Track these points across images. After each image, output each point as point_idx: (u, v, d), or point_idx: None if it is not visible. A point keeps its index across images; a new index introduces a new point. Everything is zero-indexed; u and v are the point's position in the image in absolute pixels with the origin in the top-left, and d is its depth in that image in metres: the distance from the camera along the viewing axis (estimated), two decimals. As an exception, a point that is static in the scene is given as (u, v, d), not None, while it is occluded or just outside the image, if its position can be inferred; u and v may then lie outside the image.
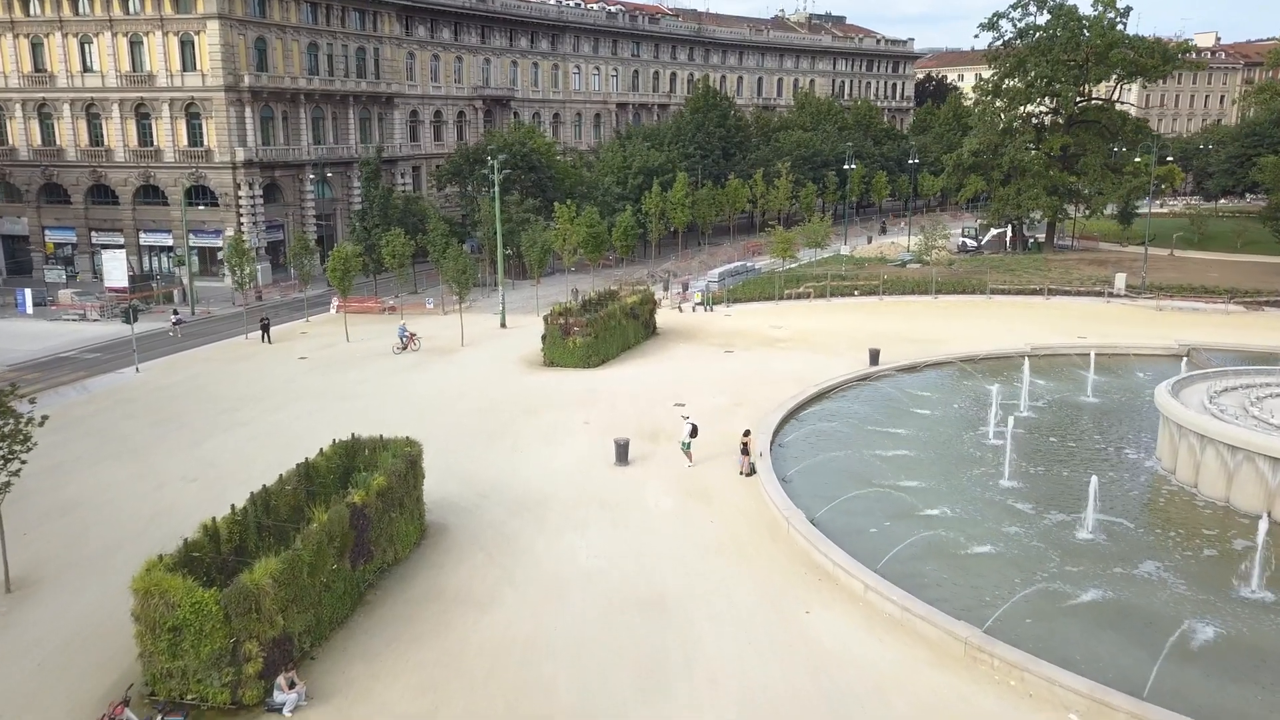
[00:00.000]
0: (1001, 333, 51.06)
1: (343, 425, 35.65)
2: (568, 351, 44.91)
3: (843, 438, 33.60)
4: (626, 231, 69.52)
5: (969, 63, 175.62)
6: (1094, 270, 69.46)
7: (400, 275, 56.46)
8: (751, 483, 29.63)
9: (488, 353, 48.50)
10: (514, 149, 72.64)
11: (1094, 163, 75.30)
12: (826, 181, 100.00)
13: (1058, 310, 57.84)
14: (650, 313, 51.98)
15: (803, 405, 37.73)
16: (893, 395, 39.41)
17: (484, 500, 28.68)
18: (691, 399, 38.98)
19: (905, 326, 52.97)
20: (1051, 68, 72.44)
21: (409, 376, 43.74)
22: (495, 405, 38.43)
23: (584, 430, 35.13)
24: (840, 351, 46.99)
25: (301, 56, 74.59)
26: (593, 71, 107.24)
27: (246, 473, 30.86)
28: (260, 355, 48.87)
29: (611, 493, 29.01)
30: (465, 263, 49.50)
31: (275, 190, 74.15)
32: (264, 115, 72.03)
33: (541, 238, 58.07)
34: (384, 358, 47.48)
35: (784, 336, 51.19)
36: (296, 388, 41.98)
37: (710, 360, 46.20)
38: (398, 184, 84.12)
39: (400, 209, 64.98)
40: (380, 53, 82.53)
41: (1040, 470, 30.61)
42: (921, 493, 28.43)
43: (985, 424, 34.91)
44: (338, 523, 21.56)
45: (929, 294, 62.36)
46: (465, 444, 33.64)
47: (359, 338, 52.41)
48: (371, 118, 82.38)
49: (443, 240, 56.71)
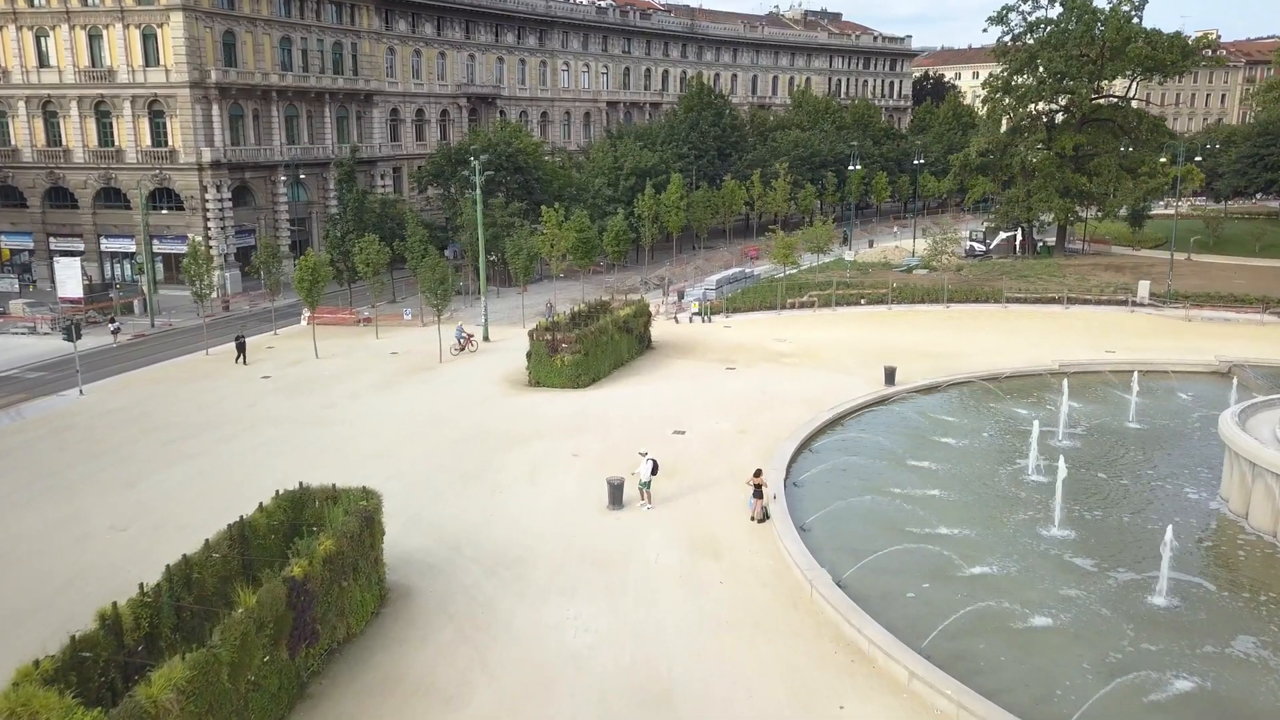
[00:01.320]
0: (1023, 346, 47.39)
1: (301, 460, 31.87)
2: (555, 370, 41.02)
3: (864, 474, 29.80)
4: (618, 236, 65.65)
5: (966, 61, 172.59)
6: (1112, 276, 65.89)
7: (375, 285, 52.44)
8: (765, 530, 25.80)
9: (468, 370, 44.55)
10: (498, 149, 68.70)
11: (1108, 163, 71.75)
12: (825, 182, 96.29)
13: (1080, 321, 54.17)
14: (645, 325, 48.14)
15: (816, 433, 33.95)
16: (915, 421, 35.63)
17: (457, 555, 24.77)
18: (692, 424, 35.16)
19: (918, 339, 49.25)
20: (1065, 63, 68.81)
21: (380, 399, 39.76)
22: (474, 434, 34.49)
23: (572, 465, 31.24)
24: (851, 368, 43.24)
25: (273, 51, 70.46)
26: (582, 69, 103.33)
27: (186, 519, 27.01)
28: (220, 374, 44.82)
29: (605, 545, 25.13)
30: (444, 272, 45.49)
31: (246, 193, 70.01)
32: (233, 113, 67.88)
33: (527, 244, 54.05)
34: (354, 376, 43.48)
35: (789, 351, 47.39)
36: (255, 413, 37.95)
37: (711, 379, 42.37)
38: (377, 186, 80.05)
39: (377, 213, 60.91)
40: (358, 48, 78.45)
41: (1095, 515, 26.84)
42: (961, 544, 24.64)
43: (1023, 456, 31.18)
44: (271, 605, 17.61)
45: (940, 303, 58.66)
46: (438, 483, 29.71)
47: (329, 353, 48.40)
48: (349, 116, 78.27)
49: (421, 246, 52.72)
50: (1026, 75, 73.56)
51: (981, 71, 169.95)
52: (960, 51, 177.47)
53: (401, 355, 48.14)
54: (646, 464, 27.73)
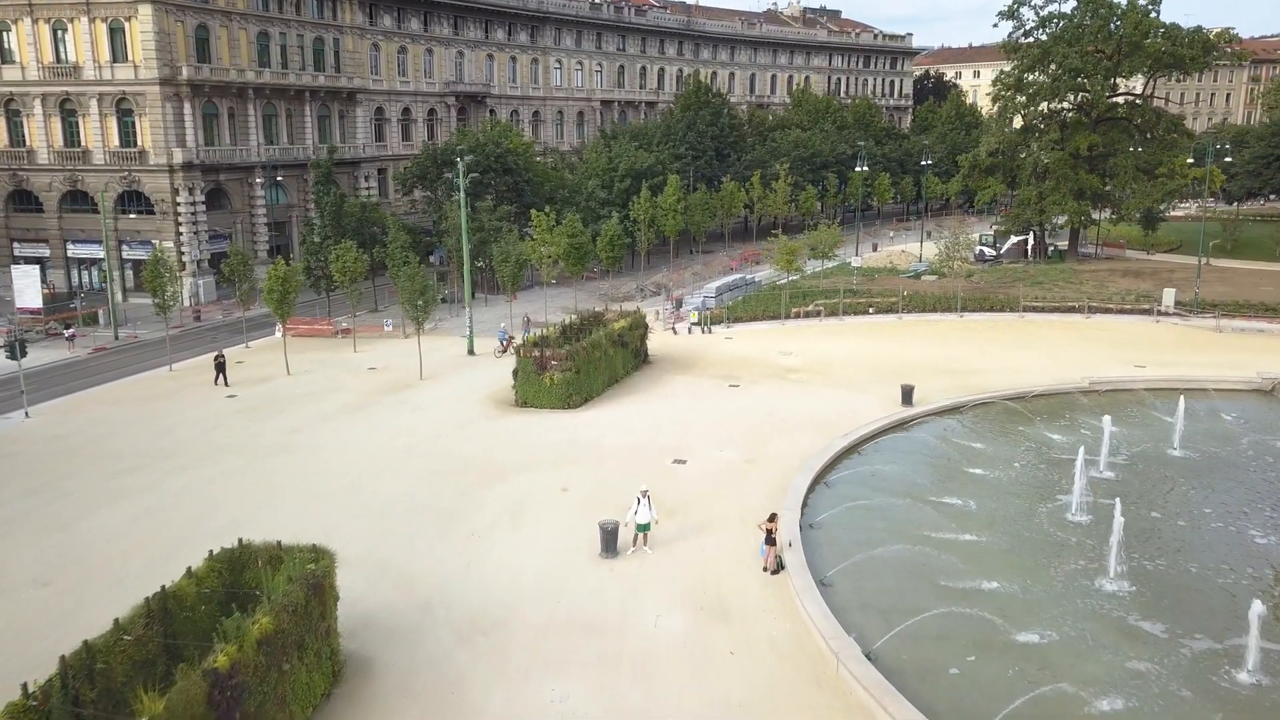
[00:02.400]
0: (1046, 360, 44.23)
1: (258, 496, 28.54)
2: (544, 390, 37.73)
3: (889, 514, 26.58)
4: (613, 241, 62.32)
5: (966, 60, 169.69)
6: (1131, 283, 62.76)
7: (352, 294, 49.07)
8: (780, 584, 22.57)
9: (451, 389, 41.23)
10: (486, 149, 65.38)
11: (1125, 164, 68.63)
12: (827, 184, 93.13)
13: (1103, 331, 51.02)
14: (641, 339, 44.86)
15: (831, 463, 30.72)
16: (938, 449, 32.42)
17: (426, 616, 21.49)
18: (693, 452, 31.93)
19: (934, 353, 46.06)
20: (1080, 59, 65.69)
21: (352, 423, 36.42)
22: (453, 465, 31.19)
23: (561, 502, 27.97)
24: (864, 386, 40.03)
25: (250, 47, 67.05)
26: (575, 66, 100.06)
27: (120, 571, 23.79)
28: (182, 393, 41.44)
29: (597, 606, 21.87)
30: (423, 282, 42.15)
31: (221, 196, 66.62)
32: (206, 112, 64.48)
33: (515, 250, 50.72)
34: (326, 396, 40.14)
35: (796, 366, 44.17)
36: (215, 439, 34.59)
37: (713, 398, 39.11)
38: (361, 189, 76.74)
39: (357, 217, 57.50)
40: (341, 44, 75.09)
41: (1155, 565, 23.64)
42: (1005, 603, 21.45)
43: (1064, 491, 28.02)
44: (185, 709, 14.35)
45: (953, 311, 55.49)
46: (410, 525, 26.41)
47: (302, 368, 45.05)
48: (331, 115, 74.91)
49: (402, 253, 49.41)
50: (1038, 72, 70.47)
51: (983, 70, 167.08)
52: (960, 50, 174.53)
53: (380, 371, 44.83)
54: (645, 505, 24.51)
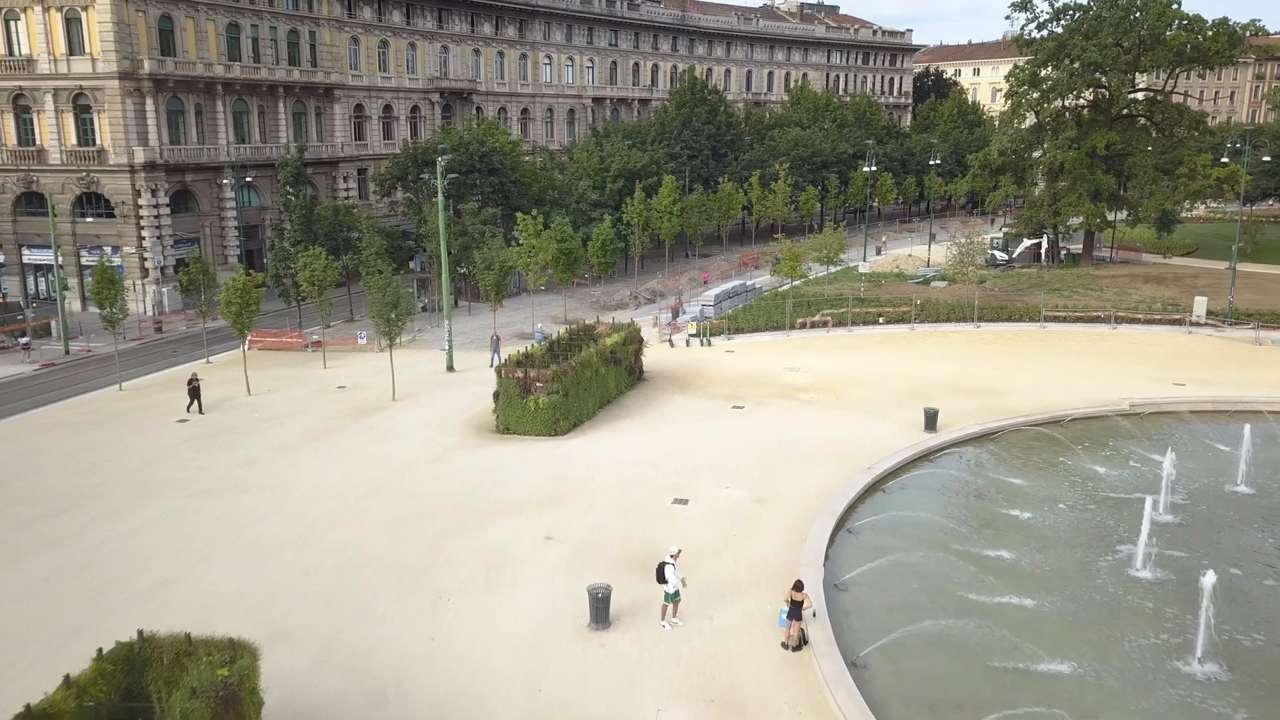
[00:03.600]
0: (1076, 378, 40.60)
1: (193, 550, 24.33)
2: (528, 415, 33.92)
3: (924, 572, 22.85)
4: (605, 245, 58.55)
5: (966, 57, 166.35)
6: (1154, 290, 59.17)
7: (321, 305, 45.18)
8: (804, 666, 18.85)
9: (426, 412, 37.36)
10: (470, 148, 61.46)
11: (1144, 163, 65.06)
12: (828, 185, 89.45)
13: (1133, 345, 47.37)
14: (636, 354, 41.10)
15: (853, 503, 27.00)
16: (972, 486, 28.74)
17: (378, 712, 17.69)
18: (696, 490, 28.19)
19: (953, 369, 42.40)
20: (1099, 53, 62.08)
21: (313, 455, 32.53)
22: (421, 509, 27.34)
23: (546, 556, 24.17)
24: (882, 409, 36.33)
25: (218, 39, 63.01)
26: (565, 62, 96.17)
27: (16, 652, 20.02)
28: (128, 417, 37.51)
29: (586, 696, 18.10)
30: (395, 294, 38.23)
31: (188, 198, 62.58)
32: (171, 108, 60.44)
33: (499, 257, 46.83)
34: (287, 421, 36.24)
35: (805, 384, 40.43)
36: (154, 476, 30.67)
37: (715, 422, 35.35)
38: (339, 190, 72.80)
39: (329, 220, 53.53)
40: (317, 37, 71.07)
41: (1251, 640, 19.97)
42: (1077, 692, 17.81)
43: (1124, 540, 24.39)
44: None
45: (969, 321, 51.83)
46: (367, 587, 22.58)
47: (265, 387, 41.14)
48: (307, 112, 70.93)
49: (377, 260, 45.55)
50: (1051, 68, 66.85)
51: (983, 68, 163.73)
52: (960, 48, 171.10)
53: (350, 390, 40.96)
54: (673, 569, 20.62)
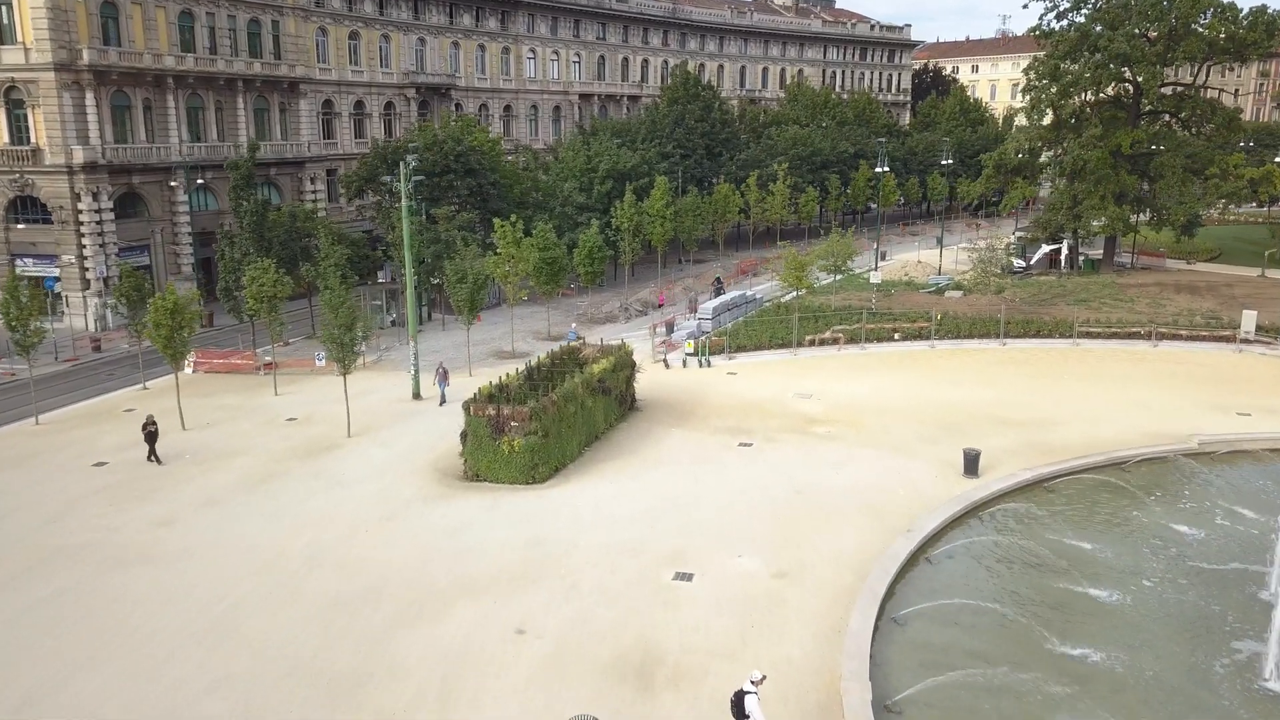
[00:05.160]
0: (1126, 406, 35.82)
1: (73, 648, 18.68)
2: (501, 460, 28.93)
3: (998, 688, 17.93)
4: (592, 253, 53.63)
5: (964, 54, 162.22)
6: (1189, 300, 54.48)
7: (272, 324, 40.07)
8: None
9: (384, 452, 32.31)
10: (445, 147, 56.37)
11: (1172, 163, 60.43)
12: (829, 186, 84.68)
13: (1179, 365, 42.60)
14: (627, 381, 36.17)
15: (895, 578, 22.09)
16: (1034, 554, 23.81)
17: None
18: (701, 558, 23.27)
19: (985, 395, 37.60)
20: (1128, 43, 57.41)
21: (246, 509, 27.43)
22: (367, 587, 22.28)
23: (516, 657, 19.17)
24: (910, 445, 31.50)
25: (170, 28, 57.74)
26: (551, 56, 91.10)
27: None
28: (37, 461, 32.35)
29: None
30: (352, 314, 33.11)
31: (136, 202, 57.32)
32: (116, 104, 55.17)
33: (473, 269, 41.71)
34: (222, 465, 31.12)
35: (820, 414, 35.53)
36: (53, 538, 25.53)
37: (720, 463, 30.42)
38: (307, 192, 67.60)
39: (285, 227, 48.35)
40: (281, 27, 65.83)
41: None
42: None
43: (1237, 633, 19.58)
44: None
45: (993, 337, 47.01)
46: (286, 711, 17.51)
47: (204, 420, 36.02)
48: (270, 108, 65.69)
49: (336, 271, 40.42)
50: (1069, 60, 62.17)
51: (981, 65, 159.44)
52: (958, 44, 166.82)
53: (301, 423, 35.88)
54: (757, 702, 15.59)
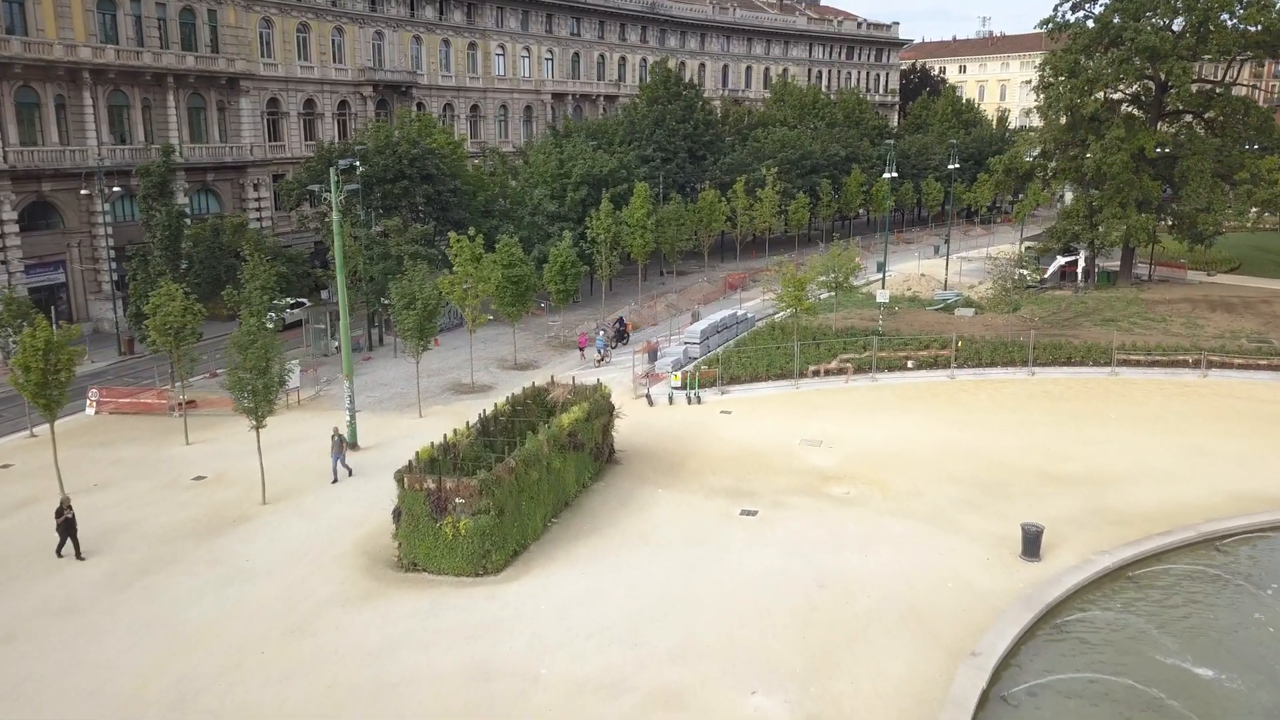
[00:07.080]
0: (1195, 456, 30.30)
1: None
2: (443, 545, 22.84)
3: None
4: (565, 269, 47.59)
5: (952, 54, 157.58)
6: (1227, 320, 49.11)
7: (180, 359, 33.73)
8: None
9: (304, 526, 26.12)
10: (400, 150, 50.16)
11: (1200, 167, 55.16)
12: (820, 191, 79.10)
13: (1237, 400, 37.07)
14: (604, 430, 30.17)
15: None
16: (1138, 691, 18.03)
17: None
18: (703, 702, 17.35)
19: (1024, 441, 31.95)
20: (1156, 37, 52.13)
21: (111, 618, 21.18)
22: (241, 759, 16.20)
23: None
24: (949, 513, 25.75)
25: (86, 16, 51.19)
26: (521, 53, 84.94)
27: None
28: None
29: None
30: (264, 356, 26.82)
31: (49, 212, 50.77)
32: (23, 101, 48.63)
33: (423, 292, 35.46)
34: (103, 541, 24.78)
35: (834, 468, 29.71)
36: None
37: (720, 542, 24.48)
38: (249, 200, 61.13)
39: (207, 243, 42.00)
40: (219, 17, 59.33)
41: None
42: None
43: None
44: None
45: (1019, 365, 41.40)
46: None
47: (92, 478, 29.70)
48: (208, 107, 59.16)
49: (262, 296, 34.17)
50: (1084, 56, 56.89)
51: (969, 65, 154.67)
52: (944, 44, 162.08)
53: (208, 484, 29.61)
54: None
